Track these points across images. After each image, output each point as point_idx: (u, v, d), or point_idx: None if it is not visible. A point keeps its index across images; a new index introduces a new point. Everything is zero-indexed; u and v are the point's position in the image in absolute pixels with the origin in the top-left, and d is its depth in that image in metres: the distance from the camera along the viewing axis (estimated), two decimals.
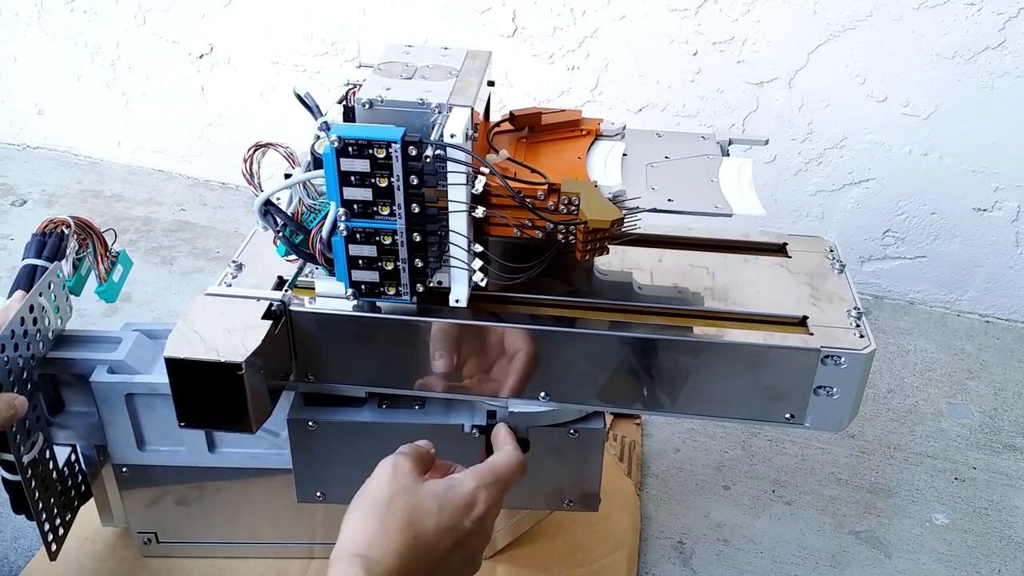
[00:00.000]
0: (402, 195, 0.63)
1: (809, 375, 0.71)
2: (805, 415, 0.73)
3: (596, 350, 0.72)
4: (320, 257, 0.67)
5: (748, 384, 0.72)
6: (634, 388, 0.74)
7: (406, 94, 0.66)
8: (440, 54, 0.73)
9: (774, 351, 0.70)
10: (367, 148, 0.61)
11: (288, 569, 0.93)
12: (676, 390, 0.73)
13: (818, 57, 1.32)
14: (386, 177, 0.62)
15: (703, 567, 1.01)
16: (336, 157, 0.61)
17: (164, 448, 0.85)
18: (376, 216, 0.64)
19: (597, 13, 1.39)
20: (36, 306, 0.78)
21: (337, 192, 0.63)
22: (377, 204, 0.63)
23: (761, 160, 1.42)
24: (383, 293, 0.68)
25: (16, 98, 1.86)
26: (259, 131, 1.70)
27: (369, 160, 0.61)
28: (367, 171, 0.62)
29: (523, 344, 0.72)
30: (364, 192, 0.62)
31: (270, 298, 0.70)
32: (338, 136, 0.60)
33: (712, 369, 0.72)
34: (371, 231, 0.64)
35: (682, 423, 1.20)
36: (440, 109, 0.65)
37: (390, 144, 0.61)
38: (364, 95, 0.65)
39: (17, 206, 1.70)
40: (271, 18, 1.58)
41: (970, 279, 1.43)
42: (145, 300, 1.43)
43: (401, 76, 0.69)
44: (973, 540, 1.05)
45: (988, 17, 1.22)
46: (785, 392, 0.72)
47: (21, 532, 1.00)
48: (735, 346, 0.71)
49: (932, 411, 1.25)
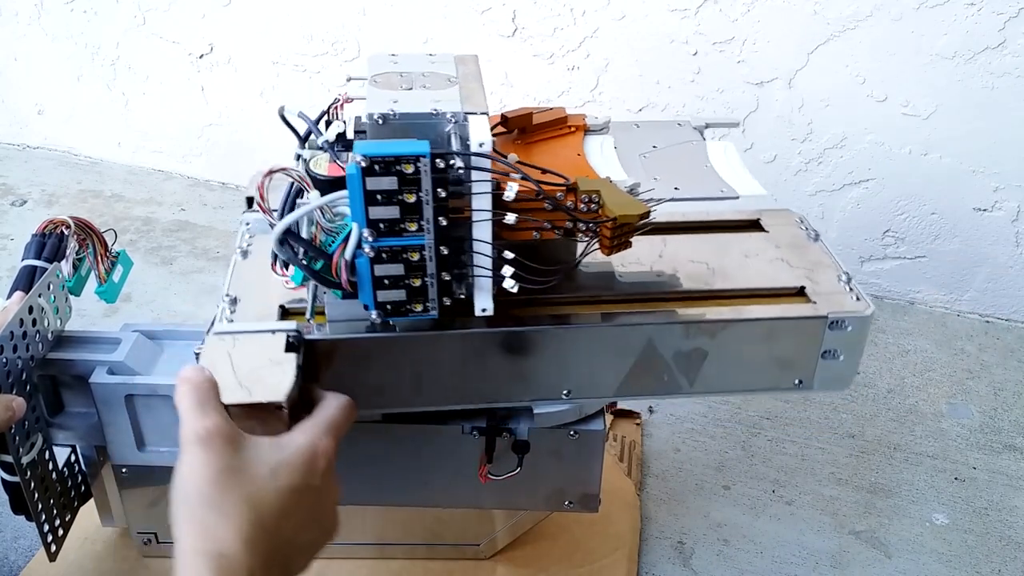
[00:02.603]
0: (431, 209, 0.61)
1: (817, 341, 0.74)
2: (813, 380, 0.76)
3: (620, 342, 0.73)
4: (345, 282, 0.64)
5: (761, 356, 0.74)
6: (654, 375, 0.75)
7: (417, 105, 0.64)
8: (429, 61, 0.72)
9: (786, 322, 0.73)
10: (394, 165, 0.58)
11: None
12: (694, 371, 0.75)
13: (818, 57, 1.32)
14: (414, 192, 0.60)
15: (703, 567, 1.01)
16: (362, 176, 0.59)
17: (164, 448, 0.85)
18: (404, 233, 0.61)
19: (597, 13, 1.39)
20: (35, 307, 0.78)
21: (363, 212, 0.60)
22: (404, 221, 0.61)
23: (761, 160, 1.42)
24: (410, 311, 0.65)
25: (16, 98, 1.86)
26: (259, 131, 1.70)
27: (397, 177, 0.59)
28: (395, 188, 0.59)
29: (552, 344, 0.71)
30: (391, 210, 0.60)
31: (285, 329, 0.67)
32: (364, 155, 0.58)
33: (729, 346, 0.74)
34: (398, 249, 0.62)
35: (682, 423, 1.20)
36: (455, 118, 0.63)
37: (418, 158, 0.59)
38: (375, 110, 0.63)
39: (17, 206, 1.70)
40: (271, 18, 1.58)
41: (970, 279, 1.43)
42: (145, 300, 1.43)
43: (401, 87, 0.67)
44: (973, 540, 1.05)
45: (988, 17, 1.22)
46: (795, 360, 0.75)
47: (21, 532, 1.00)
48: (751, 322, 0.73)
49: (932, 411, 1.25)
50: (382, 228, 0.61)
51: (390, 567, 0.93)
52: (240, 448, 0.54)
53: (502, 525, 0.94)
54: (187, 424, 0.55)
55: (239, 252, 0.76)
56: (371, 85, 0.68)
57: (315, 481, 0.56)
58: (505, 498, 0.84)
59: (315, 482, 0.56)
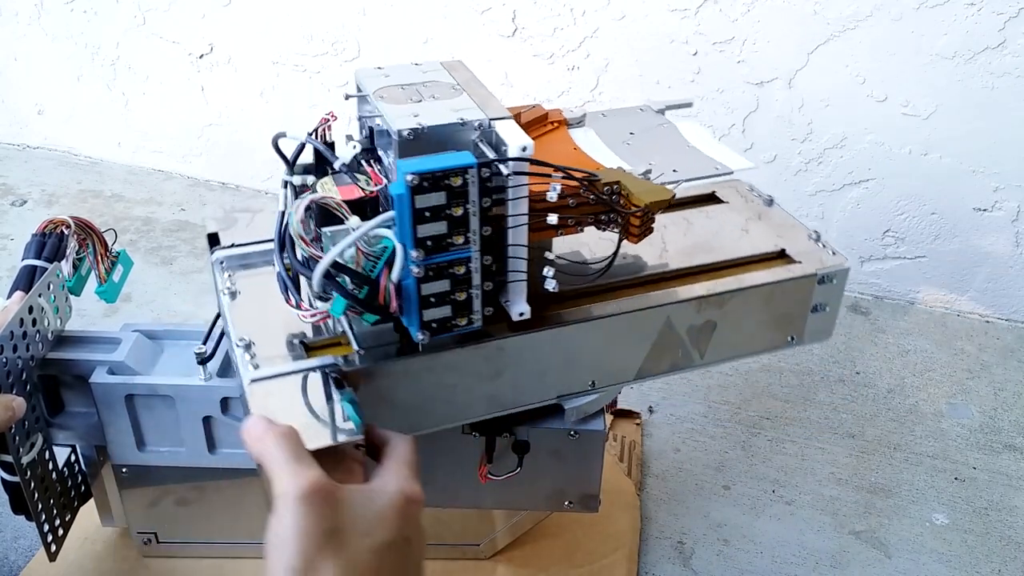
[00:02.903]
0: (477, 220, 0.60)
1: (809, 297, 0.79)
2: (804, 334, 0.81)
3: (641, 326, 0.74)
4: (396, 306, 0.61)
5: (762, 319, 0.78)
6: (670, 352, 0.77)
7: (441, 117, 0.63)
8: (421, 71, 0.71)
9: (784, 284, 0.77)
10: (443, 179, 0.57)
11: None
12: (705, 343, 0.77)
13: (818, 57, 1.32)
14: (461, 205, 0.59)
15: (703, 567, 1.01)
16: (411, 195, 0.57)
17: (164, 448, 0.85)
18: (450, 248, 0.60)
19: (597, 13, 1.39)
20: (35, 307, 0.78)
21: (411, 232, 0.58)
22: (451, 235, 0.60)
23: (761, 160, 1.42)
24: (455, 326, 0.64)
25: (16, 98, 1.86)
26: (259, 131, 1.70)
27: (445, 191, 0.58)
28: (443, 203, 0.58)
29: (580, 339, 0.72)
30: (438, 226, 0.59)
31: (322, 365, 0.64)
32: (414, 173, 0.56)
33: (735, 314, 0.77)
34: (444, 265, 0.60)
35: (682, 423, 1.20)
36: (481, 125, 0.63)
37: (466, 170, 0.58)
38: (402, 126, 0.61)
39: (17, 206, 1.70)
40: (271, 18, 1.58)
41: (970, 279, 1.43)
42: (145, 300, 1.43)
43: (411, 100, 0.66)
44: (973, 540, 1.05)
45: (988, 17, 1.22)
46: (789, 318, 0.80)
47: (21, 532, 1.00)
48: (754, 288, 0.76)
49: (932, 411, 1.25)
50: (429, 245, 0.59)
51: None
52: (338, 504, 0.52)
53: (502, 525, 0.94)
54: (284, 478, 0.52)
55: (227, 294, 0.72)
56: (380, 101, 0.65)
57: (408, 531, 0.55)
58: (505, 498, 0.84)
59: (409, 532, 0.55)
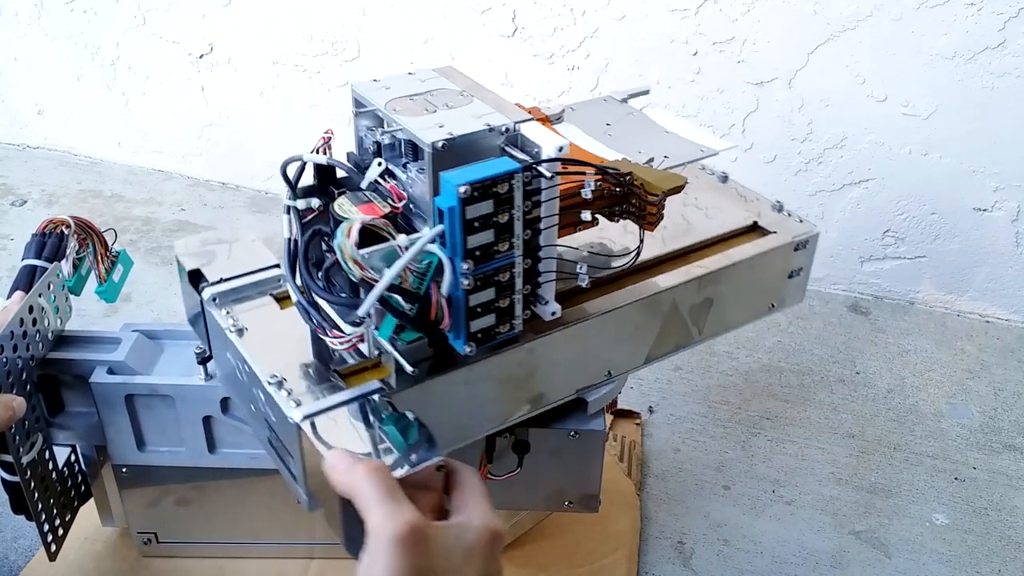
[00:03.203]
0: (520, 224, 0.60)
1: (788, 264, 0.83)
2: (783, 301, 0.85)
3: (651, 311, 0.75)
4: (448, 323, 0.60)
5: (748, 290, 0.81)
6: (675, 333, 0.78)
7: (467, 125, 0.62)
8: (419, 79, 0.69)
9: (769, 254, 0.80)
10: (491, 187, 0.57)
11: (288, 569, 0.93)
12: (703, 319, 0.79)
13: (818, 57, 1.32)
14: (507, 211, 0.58)
15: (703, 567, 1.01)
16: (462, 206, 0.56)
17: (164, 448, 0.85)
18: (496, 256, 0.60)
19: (597, 13, 1.39)
20: (36, 307, 0.78)
21: (461, 243, 0.58)
22: (497, 243, 0.59)
23: (761, 160, 1.42)
24: (498, 334, 0.63)
25: (16, 98, 1.86)
26: (259, 131, 1.70)
27: (493, 199, 0.58)
28: (490, 211, 0.58)
29: (599, 331, 0.72)
30: (486, 235, 0.58)
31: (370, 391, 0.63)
32: (468, 183, 0.56)
33: (727, 288, 0.79)
34: (490, 273, 0.60)
35: (682, 423, 1.20)
36: (508, 130, 0.63)
37: (512, 175, 0.58)
38: (434, 138, 0.60)
39: (17, 206, 1.70)
40: (271, 18, 1.58)
41: (970, 279, 1.43)
42: (145, 300, 1.43)
43: (426, 111, 0.65)
44: (973, 540, 1.05)
45: (988, 17, 1.22)
46: (770, 286, 0.83)
47: (21, 532, 1.00)
48: (744, 262, 0.79)
49: (932, 411, 1.25)
50: (478, 255, 0.59)
51: None
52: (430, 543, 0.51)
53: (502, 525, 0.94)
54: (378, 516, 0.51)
55: (234, 332, 0.68)
56: (396, 114, 0.64)
57: (492, 568, 0.54)
58: (505, 498, 0.84)
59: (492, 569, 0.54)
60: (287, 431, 0.62)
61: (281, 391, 0.63)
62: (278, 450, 0.66)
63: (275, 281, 0.73)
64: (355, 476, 0.53)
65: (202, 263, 0.74)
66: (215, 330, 0.72)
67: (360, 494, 0.52)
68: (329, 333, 0.63)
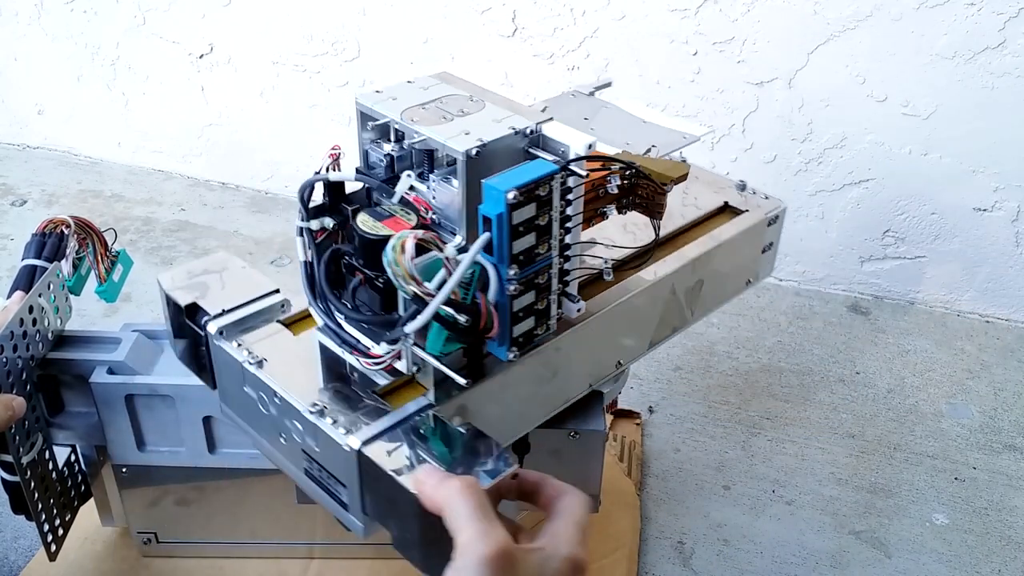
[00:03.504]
0: (557, 225, 0.60)
1: (762, 240, 0.86)
2: (757, 275, 0.88)
3: (654, 298, 0.77)
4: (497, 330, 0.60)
5: (731, 268, 0.84)
6: (672, 317, 0.80)
7: (492, 130, 0.62)
8: (420, 87, 0.68)
9: (748, 232, 0.83)
10: (535, 190, 0.57)
11: (288, 569, 0.93)
12: (695, 301, 0.82)
13: (818, 57, 1.32)
14: (546, 213, 0.59)
15: (703, 567, 1.01)
16: (510, 212, 0.56)
17: (164, 448, 0.85)
18: (536, 258, 0.60)
19: (597, 13, 1.39)
20: (36, 307, 0.78)
21: (507, 249, 0.57)
22: (538, 245, 0.59)
23: (761, 160, 1.42)
24: (535, 336, 0.63)
25: (16, 98, 1.86)
26: (259, 131, 1.70)
27: (535, 202, 0.58)
28: (533, 215, 0.58)
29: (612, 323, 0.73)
30: (528, 239, 0.58)
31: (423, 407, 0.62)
32: (516, 189, 0.56)
33: (715, 269, 0.82)
34: (531, 276, 0.60)
35: (682, 423, 1.20)
36: (532, 132, 0.63)
37: (552, 177, 0.58)
38: (466, 145, 0.59)
39: (17, 206, 1.70)
40: (271, 18, 1.58)
41: (970, 279, 1.43)
42: (145, 300, 1.43)
43: (444, 119, 0.64)
44: (973, 540, 1.05)
45: (988, 17, 1.22)
46: (748, 262, 0.86)
47: (21, 532, 1.00)
48: (730, 241, 0.82)
49: (932, 411, 1.25)
50: (521, 260, 0.58)
51: (390, 567, 0.93)
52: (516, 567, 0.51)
53: None
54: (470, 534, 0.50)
55: (253, 364, 0.66)
56: (415, 124, 0.62)
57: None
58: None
59: None
60: (338, 459, 0.60)
61: (325, 419, 0.61)
62: (322, 480, 0.64)
63: (278, 307, 0.72)
64: (447, 491, 0.52)
65: (196, 296, 0.71)
66: (225, 364, 0.69)
67: (451, 510, 0.51)
68: (364, 355, 0.62)
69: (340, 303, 0.62)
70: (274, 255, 1.57)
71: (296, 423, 0.63)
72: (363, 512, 0.61)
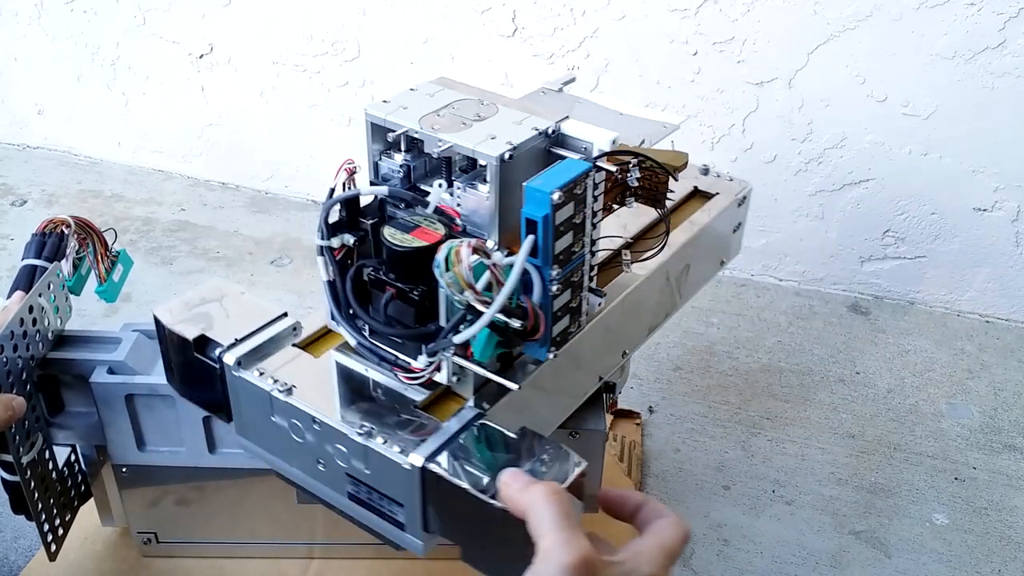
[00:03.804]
0: (590, 222, 0.60)
1: (733, 220, 0.88)
2: (728, 254, 0.90)
3: (654, 285, 0.78)
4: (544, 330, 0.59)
5: (709, 250, 0.86)
6: (664, 303, 0.81)
7: (517, 133, 0.61)
8: (426, 93, 0.68)
9: (724, 213, 0.85)
10: (573, 189, 0.57)
11: (288, 569, 0.93)
12: (683, 284, 0.84)
13: (818, 57, 1.32)
14: (580, 212, 0.59)
15: (703, 567, 1.01)
16: (553, 212, 0.56)
17: (164, 448, 0.85)
18: (572, 256, 0.60)
19: (597, 13, 1.39)
20: (36, 307, 0.78)
21: (551, 249, 0.57)
22: (574, 243, 0.59)
23: (761, 160, 1.42)
24: (570, 334, 0.63)
25: (16, 98, 1.86)
26: (259, 131, 1.70)
27: (574, 200, 0.58)
28: (571, 214, 0.58)
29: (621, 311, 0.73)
30: (567, 238, 0.58)
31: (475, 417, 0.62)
32: (560, 189, 0.56)
33: (698, 252, 0.83)
34: (569, 274, 0.60)
35: (682, 423, 1.20)
36: (555, 132, 0.63)
37: (587, 174, 0.58)
38: (496, 151, 0.59)
39: (17, 206, 1.70)
40: (271, 18, 1.58)
41: (970, 279, 1.43)
42: (145, 300, 1.43)
43: (463, 125, 0.63)
44: (973, 540, 1.05)
45: (988, 17, 1.22)
46: (722, 243, 0.88)
47: (21, 532, 1.00)
48: (711, 224, 0.84)
49: (932, 411, 1.25)
50: (561, 259, 0.58)
51: (390, 567, 0.93)
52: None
53: None
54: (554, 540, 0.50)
55: (283, 392, 0.64)
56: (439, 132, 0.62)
57: None
58: None
59: None
60: (395, 479, 0.59)
61: (376, 439, 0.60)
62: (371, 502, 0.62)
63: (291, 331, 0.69)
64: (532, 496, 0.52)
65: (202, 328, 0.68)
66: (247, 395, 0.67)
67: (536, 515, 0.51)
68: (405, 370, 0.61)
69: (374, 320, 0.61)
70: (274, 255, 1.57)
71: (340, 447, 0.61)
72: (423, 529, 0.60)
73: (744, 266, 1.52)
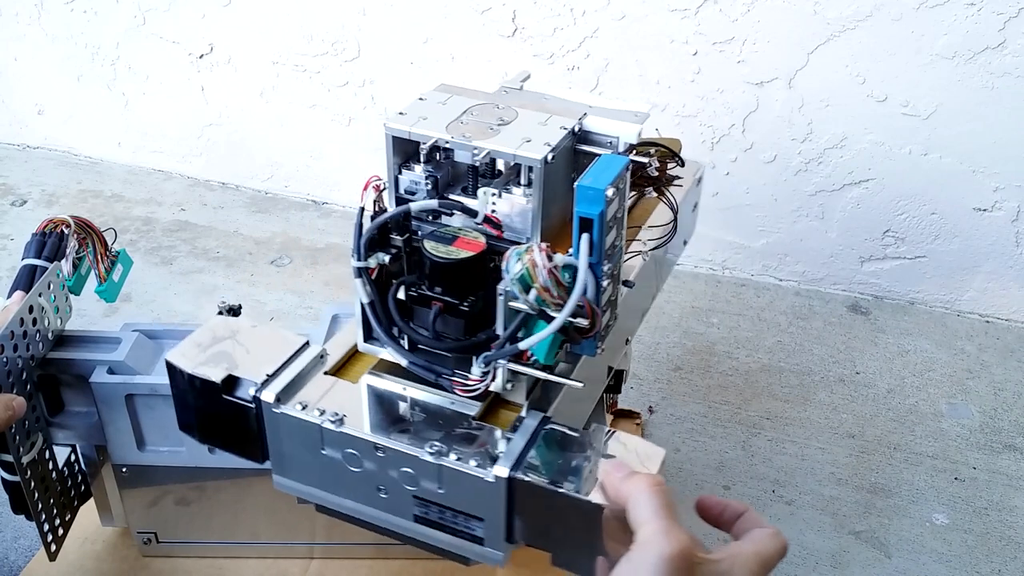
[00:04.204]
0: (624, 215, 0.60)
1: (693, 200, 0.90)
2: (689, 234, 0.91)
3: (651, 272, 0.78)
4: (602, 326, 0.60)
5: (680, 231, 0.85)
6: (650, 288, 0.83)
7: (550, 135, 0.62)
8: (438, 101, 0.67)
9: (687, 196, 0.86)
10: (618, 184, 0.57)
11: (288, 569, 0.93)
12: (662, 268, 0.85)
13: (818, 57, 1.32)
14: (621, 205, 0.59)
15: None
16: (605, 208, 0.56)
17: (164, 448, 0.85)
18: (615, 250, 0.59)
19: (597, 13, 1.39)
20: (36, 306, 0.78)
21: (601, 246, 0.57)
22: (617, 237, 0.59)
23: (761, 160, 1.42)
24: (610, 326, 0.63)
25: (16, 98, 1.86)
26: (259, 131, 1.70)
27: (619, 195, 0.58)
28: (617, 208, 0.58)
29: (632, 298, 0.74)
30: (613, 233, 0.58)
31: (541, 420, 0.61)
32: (611, 185, 0.56)
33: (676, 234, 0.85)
34: (613, 267, 0.60)
35: (682, 423, 1.20)
36: (581, 129, 0.64)
37: (628, 168, 0.58)
38: (539, 154, 0.60)
39: (17, 206, 1.70)
40: (271, 18, 1.58)
41: (970, 279, 1.43)
42: (145, 300, 1.43)
43: (491, 130, 0.63)
44: (973, 540, 1.05)
45: (988, 17, 1.22)
46: (687, 223, 0.88)
47: (21, 532, 1.00)
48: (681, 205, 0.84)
49: (932, 411, 1.25)
50: (609, 254, 0.58)
51: (390, 567, 0.93)
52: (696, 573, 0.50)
53: None
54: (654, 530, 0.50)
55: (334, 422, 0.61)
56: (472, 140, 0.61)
57: None
58: None
59: None
60: (475, 494, 0.58)
61: (450, 457, 0.58)
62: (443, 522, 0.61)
63: (319, 359, 0.66)
64: (634, 486, 0.52)
65: (226, 368, 0.64)
66: (291, 431, 0.63)
67: (637, 504, 0.51)
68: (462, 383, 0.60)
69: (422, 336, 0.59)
70: (274, 255, 1.57)
71: (407, 470, 0.60)
72: (507, 540, 0.60)
73: (744, 266, 1.52)
